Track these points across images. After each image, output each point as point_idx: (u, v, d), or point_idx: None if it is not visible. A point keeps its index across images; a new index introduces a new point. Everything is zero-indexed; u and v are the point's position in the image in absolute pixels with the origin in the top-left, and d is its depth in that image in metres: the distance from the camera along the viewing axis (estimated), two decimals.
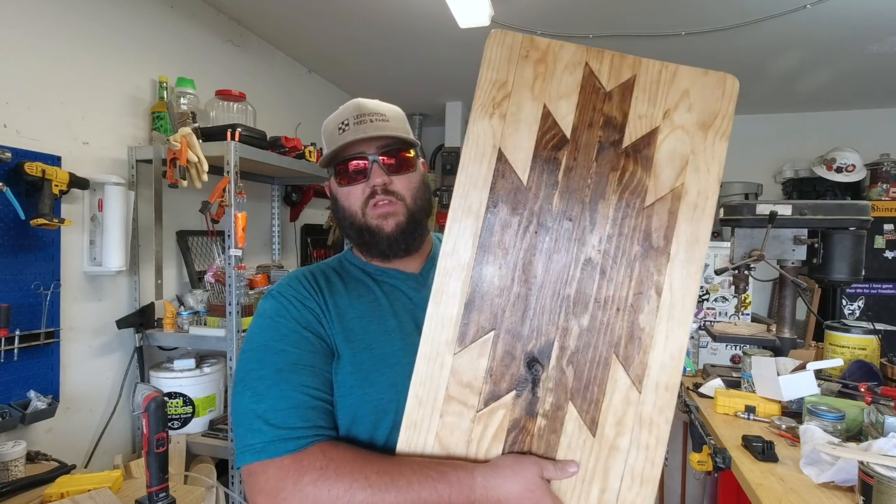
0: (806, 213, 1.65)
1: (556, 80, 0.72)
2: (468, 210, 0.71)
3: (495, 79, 0.72)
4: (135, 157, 1.98)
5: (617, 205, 0.71)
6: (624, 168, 0.71)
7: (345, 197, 0.86)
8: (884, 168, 3.49)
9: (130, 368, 1.98)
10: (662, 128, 0.71)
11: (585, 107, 0.72)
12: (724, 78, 0.72)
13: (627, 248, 0.70)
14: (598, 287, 0.70)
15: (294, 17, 2.57)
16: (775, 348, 1.71)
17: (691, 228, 0.70)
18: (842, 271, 1.65)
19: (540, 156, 0.71)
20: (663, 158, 0.71)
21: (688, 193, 0.70)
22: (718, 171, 0.70)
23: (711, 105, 0.71)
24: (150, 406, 1.21)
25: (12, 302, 1.57)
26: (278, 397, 0.72)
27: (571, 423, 0.70)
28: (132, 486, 1.50)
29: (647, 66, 0.72)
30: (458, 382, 0.70)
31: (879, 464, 0.92)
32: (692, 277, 0.69)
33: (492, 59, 0.72)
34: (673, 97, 0.71)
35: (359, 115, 0.84)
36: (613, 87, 0.72)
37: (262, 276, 2.31)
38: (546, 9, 2.43)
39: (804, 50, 2.85)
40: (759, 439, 1.22)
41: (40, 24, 1.70)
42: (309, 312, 0.81)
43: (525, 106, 0.71)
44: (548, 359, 0.70)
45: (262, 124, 2.26)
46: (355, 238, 0.87)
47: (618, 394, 0.69)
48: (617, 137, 0.71)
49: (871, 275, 3.29)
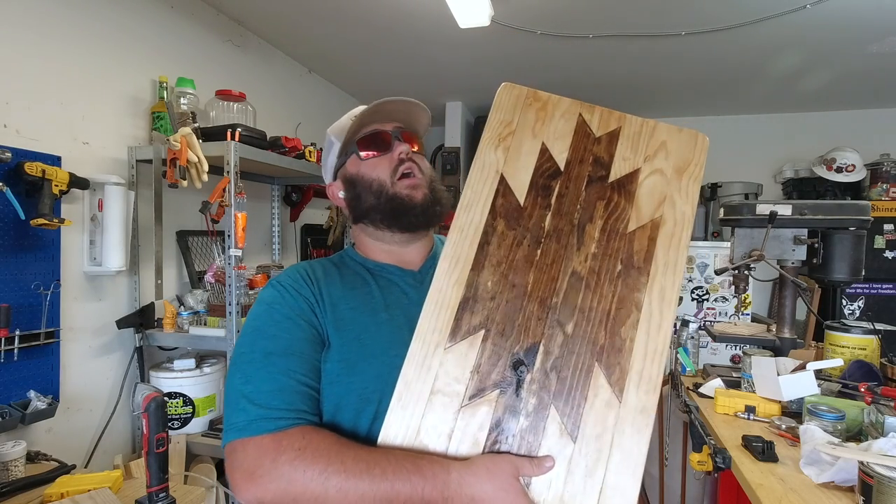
0: (806, 213, 1.65)
1: (554, 124, 0.85)
2: (470, 222, 0.80)
3: (503, 119, 0.85)
4: (135, 157, 1.98)
5: (602, 228, 0.79)
6: (609, 198, 0.81)
7: (371, 168, 0.90)
8: (884, 168, 3.49)
9: (130, 368, 1.98)
10: (644, 169, 0.82)
11: (578, 147, 0.83)
12: (696, 134, 0.83)
13: (611, 266, 0.78)
14: (583, 298, 0.76)
15: (294, 17, 2.57)
16: (775, 348, 1.71)
17: (669, 254, 0.78)
18: (842, 271, 1.65)
19: (537, 182, 0.82)
20: (644, 193, 0.81)
21: (666, 224, 0.79)
22: (692, 208, 0.80)
23: (685, 155, 0.82)
24: (150, 406, 1.21)
25: (12, 302, 1.57)
26: (264, 379, 0.75)
27: (553, 425, 0.72)
28: (132, 486, 1.50)
29: (630, 120, 0.85)
30: (446, 376, 0.73)
31: (879, 464, 0.92)
32: (669, 298, 0.76)
33: (501, 104, 0.86)
34: (652, 146, 0.83)
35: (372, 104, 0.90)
36: (602, 133, 0.84)
37: (262, 276, 2.31)
38: (546, 9, 2.43)
39: (804, 50, 2.85)
40: (759, 439, 1.22)
41: (40, 25, 1.70)
42: (304, 301, 0.83)
43: (526, 142, 0.84)
44: (533, 361, 0.74)
45: (262, 124, 2.26)
46: (384, 209, 0.88)
47: (599, 400, 0.72)
48: (604, 173, 0.82)
49: (871, 275, 3.29)
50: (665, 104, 4.06)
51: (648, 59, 3.06)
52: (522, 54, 3.01)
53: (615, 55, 3.00)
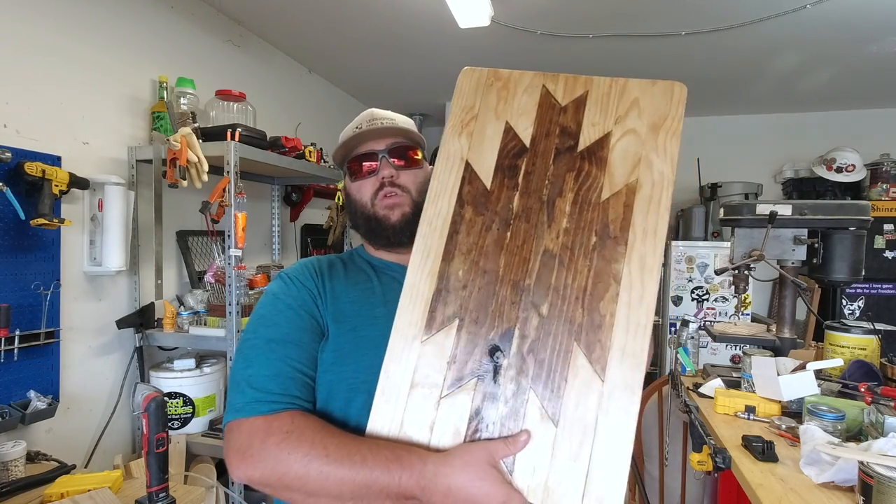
0: (806, 213, 1.65)
1: (517, 100, 0.82)
2: (437, 213, 0.79)
3: (464, 105, 0.83)
4: (135, 157, 1.98)
5: (573, 201, 0.76)
6: (580, 169, 0.77)
7: (356, 190, 0.95)
8: (884, 168, 3.49)
9: (130, 368, 1.98)
10: (614, 132, 0.77)
11: (543, 120, 0.80)
12: (672, 85, 0.78)
13: (585, 240, 0.74)
14: (557, 276, 0.73)
15: (294, 17, 2.57)
16: (775, 348, 1.71)
17: (648, 220, 0.73)
18: (842, 271, 1.65)
19: (502, 164, 0.79)
20: (617, 158, 0.76)
21: (642, 188, 0.74)
22: (672, 166, 0.75)
23: (661, 109, 0.77)
24: (150, 406, 1.21)
25: (12, 302, 1.57)
26: (263, 364, 0.79)
27: (533, 410, 0.70)
28: (132, 486, 1.51)
29: (598, 82, 0.80)
30: (425, 368, 0.73)
31: (879, 464, 0.92)
32: (650, 266, 0.72)
33: (462, 89, 0.85)
34: (623, 106, 0.78)
35: (371, 120, 0.95)
36: (567, 101, 0.80)
37: (262, 276, 2.31)
38: (546, 9, 2.43)
39: (804, 50, 2.85)
40: (759, 439, 1.21)
41: (40, 25, 1.70)
42: (307, 293, 0.87)
43: (489, 125, 0.81)
44: (509, 347, 0.72)
45: (262, 124, 2.26)
46: (364, 227, 0.95)
47: (580, 381, 0.69)
48: (572, 143, 0.78)
49: (871, 275, 3.29)
50: None
51: (648, 59, 3.06)
52: (522, 54, 3.01)
53: (615, 55, 3.00)
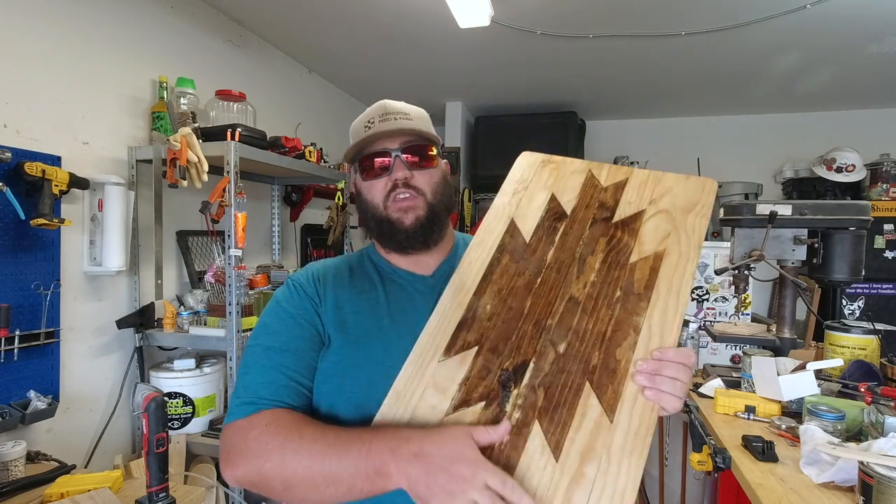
0: (806, 213, 1.65)
1: (565, 179, 0.91)
2: (478, 257, 0.85)
3: (518, 178, 0.93)
4: (135, 157, 1.98)
5: (603, 259, 0.80)
6: (612, 235, 0.83)
7: (367, 190, 0.90)
8: (884, 168, 3.49)
9: (130, 368, 1.98)
10: (648, 210, 0.83)
11: (585, 195, 0.88)
12: (705, 180, 0.84)
13: (609, 292, 0.78)
14: (578, 320, 0.76)
15: (294, 17, 2.57)
16: (775, 348, 1.71)
17: (673, 280, 0.76)
18: (842, 271, 1.65)
19: (543, 224, 0.86)
20: (648, 230, 0.82)
21: (669, 255, 0.79)
22: (699, 241, 0.78)
23: (692, 197, 0.83)
24: (150, 406, 1.21)
25: (12, 302, 1.57)
26: (259, 371, 0.81)
27: (535, 441, 0.68)
28: (132, 486, 1.50)
29: (637, 172, 0.88)
30: (435, 386, 0.74)
31: (879, 464, 0.93)
32: (671, 321, 0.74)
33: (520, 165, 0.95)
34: (658, 192, 0.85)
35: (384, 114, 0.89)
36: (609, 184, 0.88)
37: (262, 276, 2.31)
38: (546, 9, 2.43)
39: (804, 50, 2.85)
40: (759, 439, 1.22)
41: (40, 25, 1.70)
42: (308, 301, 0.87)
43: (538, 194, 0.90)
44: (522, 377, 0.73)
45: (262, 124, 2.26)
46: (376, 230, 0.90)
47: (588, 419, 0.68)
48: (608, 215, 0.85)
49: (871, 275, 3.29)
50: (665, 104, 4.06)
51: (648, 59, 3.06)
52: (522, 54, 3.01)
53: (615, 55, 3.00)
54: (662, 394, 0.68)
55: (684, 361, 0.70)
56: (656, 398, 0.68)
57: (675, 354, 0.70)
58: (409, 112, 0.90)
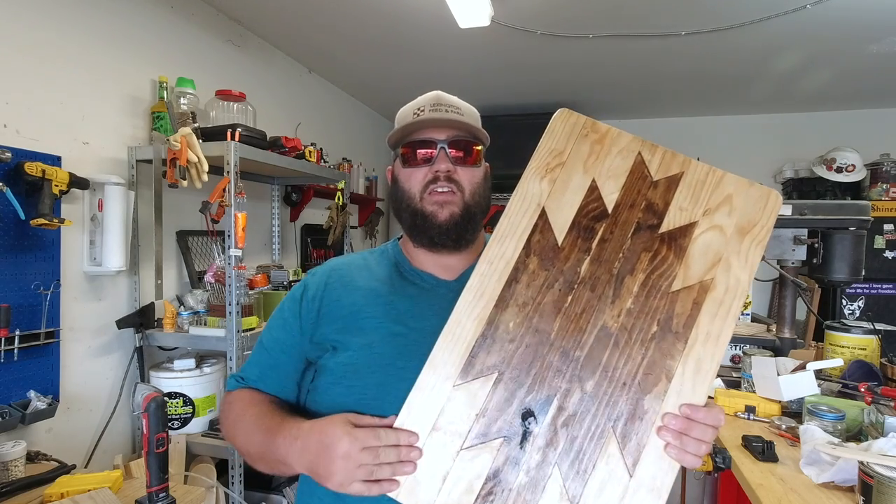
0: (806, 213, 1.65)
1: (609, 160, 0.77)
2: (501, 255, 0.74)
3: (553, 147, 0.78)
4: (135, 157, 1.98)
5: (643, 283, 0.72)
6: (657, 251, 0.73)
7: (406, 178, 0.87)
8: (884, 168, 3.49)
9: (130, 368, 1.98)
10: (701, 223, 0.73)
11: (631, 189, 0.76)
12: (769, 193, 0.74)
13: (645, 326, 0.71)
14: (609, 356, 0.70)
15: (294, 17, 2.57)
16: (775, 348, 1.71)
17: (714, 323, 0.69)
18: (842, 271, 1.65)
19: (579, 222, 0.75)
20: (697, 251, 0.72)
21: (716, 289, 0.71)
22: (750, 276, 0.71)
23: (752, 214, 0.73)
24: (150, 406, 1.21)
25: (12, 302, 1.57)
26: (252, 362, 0.92)
27: (553, 487, 0.66)
28: (132, 486, 1.50)
29: (695, 166, 0.76)
30: (451, 413, 0.69)
31: (879, 464, 0.93)
32: (705, 371, 0.68)
33: (554, 131, 0.79)
34: (715, 199, 0.74)
35: (435, 105, 0.86)
36: (661, 177, 0.76)
37: (262, 276, 2.31)
38: (546, 9, 2.43)
39: (804, 50, 2.85)
40: (759, 439, 1.22)
41: (40, 24, 1.70)
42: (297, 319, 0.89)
43: (575, 176, 0.76)
44: (544, 415, 0.69)
45: (262, 124, 2.26)
46: (408, 221, 0.87)
47: (608, 470, 0.66)
48: (655, 222, 0.74)
49: (871, 275, 3.29)
50: (665, 104, 4.06)
51: (648, 59, 3.06)
52: (522, 54, 3.01)
53: (615, 55, 3.00)
54: (686, 454, 0.66)
55: (714, 424, 0.66)
56: (679, 458, 0.66)
57: (706, 416, 0.66)
58: (461, 107, 0.88)
